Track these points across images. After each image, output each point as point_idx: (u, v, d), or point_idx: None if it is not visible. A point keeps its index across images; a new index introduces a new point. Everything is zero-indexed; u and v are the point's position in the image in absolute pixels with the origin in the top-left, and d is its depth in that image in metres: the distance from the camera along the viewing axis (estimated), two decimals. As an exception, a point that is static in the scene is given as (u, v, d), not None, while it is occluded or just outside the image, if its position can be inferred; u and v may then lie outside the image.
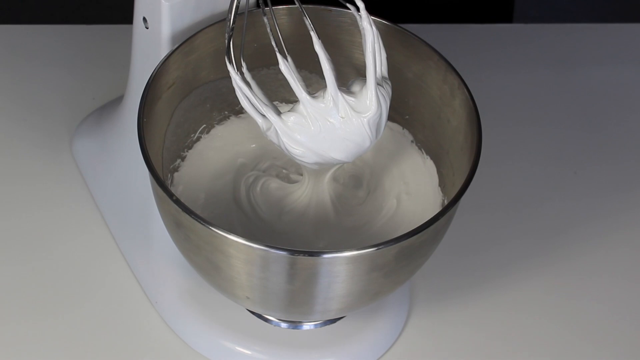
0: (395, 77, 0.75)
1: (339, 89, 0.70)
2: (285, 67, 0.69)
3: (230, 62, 0.70)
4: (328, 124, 0.70)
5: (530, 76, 1.04)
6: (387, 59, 0.72)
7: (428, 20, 1.08)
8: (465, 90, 0.74)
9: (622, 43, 1.09)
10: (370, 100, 0.70)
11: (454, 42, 1.03)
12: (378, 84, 0.70)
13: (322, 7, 0.78)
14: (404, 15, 0.92)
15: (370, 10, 0.70)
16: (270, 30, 0.70)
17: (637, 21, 1.12)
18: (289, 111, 0.71)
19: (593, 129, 1.01)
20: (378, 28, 0.71)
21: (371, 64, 0.70)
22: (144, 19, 0.77)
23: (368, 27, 0.70)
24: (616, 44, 1.09)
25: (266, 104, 0.71)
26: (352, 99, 0.70)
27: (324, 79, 0.70)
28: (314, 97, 0.70)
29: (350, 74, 0.79)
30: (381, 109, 0.71)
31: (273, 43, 0.69)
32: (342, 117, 0.70)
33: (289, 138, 0.71)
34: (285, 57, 0.70)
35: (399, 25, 0.77)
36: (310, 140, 0.71)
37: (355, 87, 0.71)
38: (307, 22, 0.70)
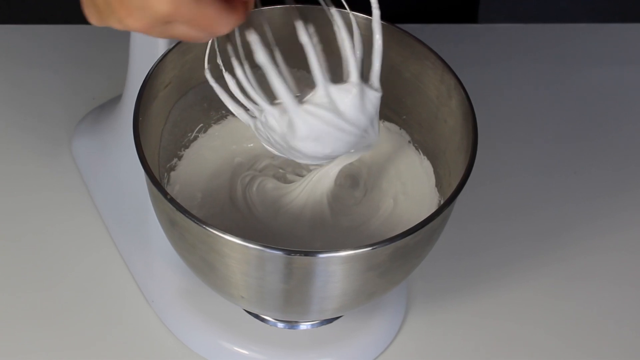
0: (393, 77, 0.74)
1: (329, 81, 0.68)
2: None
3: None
4: (322, 118, 0.69)
5: (528, 76, 1.04)
6: (384, 59, 0.72)
7: (425, 20, 1.08)
8: (462, 91, 0.74)
9: (622, 43, 1.09)
10: (351, 85, 0.68)
11: (451, 42, 1.03)
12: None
13: (318, 7, 0.77)
14: (402, 15, 0.92)
15: (366, 10, 0.70)
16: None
17: (637, 21, 1.12)
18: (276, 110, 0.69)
19: (592, 129, 1.00)
20: None
21: (350, 56, 0.68)
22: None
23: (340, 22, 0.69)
24: (616, 44, 1.09)
25: (265, 101, 0.69)
26: (336, 90, 0.68)
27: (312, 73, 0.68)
28: (301, 96, 0.69)
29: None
30: (364, 93, 0.68)
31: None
32: (333, 109, 0.68)
33: (291, 137, 0.70)
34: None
35: (396, 25, 0.77)
36: (308, 137, 0.69)
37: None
38: (295, 13, 0.67)
